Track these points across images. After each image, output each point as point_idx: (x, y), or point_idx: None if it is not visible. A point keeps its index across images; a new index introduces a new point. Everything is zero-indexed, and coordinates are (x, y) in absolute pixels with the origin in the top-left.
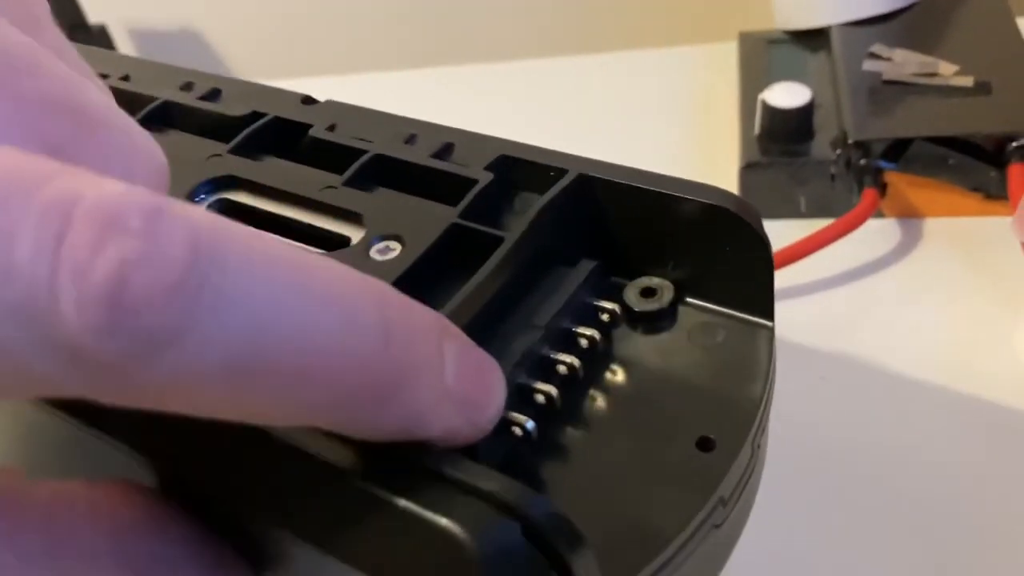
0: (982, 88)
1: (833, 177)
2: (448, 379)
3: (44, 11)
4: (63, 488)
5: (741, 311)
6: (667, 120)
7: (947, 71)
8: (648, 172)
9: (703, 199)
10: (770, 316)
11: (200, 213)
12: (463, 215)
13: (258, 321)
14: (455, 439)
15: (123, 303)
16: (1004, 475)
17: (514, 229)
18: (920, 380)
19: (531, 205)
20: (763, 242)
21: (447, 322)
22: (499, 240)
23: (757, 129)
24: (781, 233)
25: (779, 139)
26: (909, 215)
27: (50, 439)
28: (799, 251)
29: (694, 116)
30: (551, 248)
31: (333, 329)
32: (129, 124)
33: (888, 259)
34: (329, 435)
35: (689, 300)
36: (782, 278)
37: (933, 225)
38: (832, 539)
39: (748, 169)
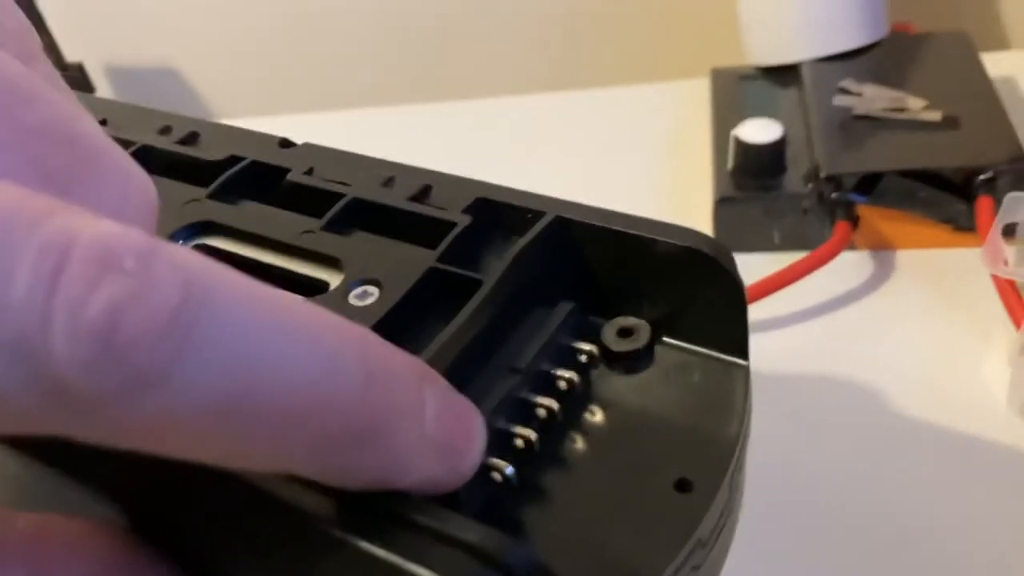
0: (950, 123)
1: (806, 211)
2: (428, 425)
3: (38, 46)
4: (43, 520)
5: (716, 351)
6: (642, 156)
7: (916, 106)
8: (624, 214)
9: (678, 241)
10: (745, 355)
11: (192, 256)
12: (441, 259)
13: (243, 363)
14: (435, 486)
15: (114, 341)
16: (975, 502)
17: (492, 272)
18: (894, 410)
19: (509, 247)
20: (736, 283)
21: (427, 367)
22: (478, 283)
23: (730, 164)
24: (756, 266)
25: (752, 174)
26: (881, 247)
27: (24, 484)
28: (774, 284)
29: (669, 151)
30: (529, 290)
31: (315, 373)
32: (123, 155)
33: (861, 291)
34: (306, 484)
35: (666, 340)
36: (757, 311)
37: (905, 257)
38: (809, 568)
39: (722, 204)
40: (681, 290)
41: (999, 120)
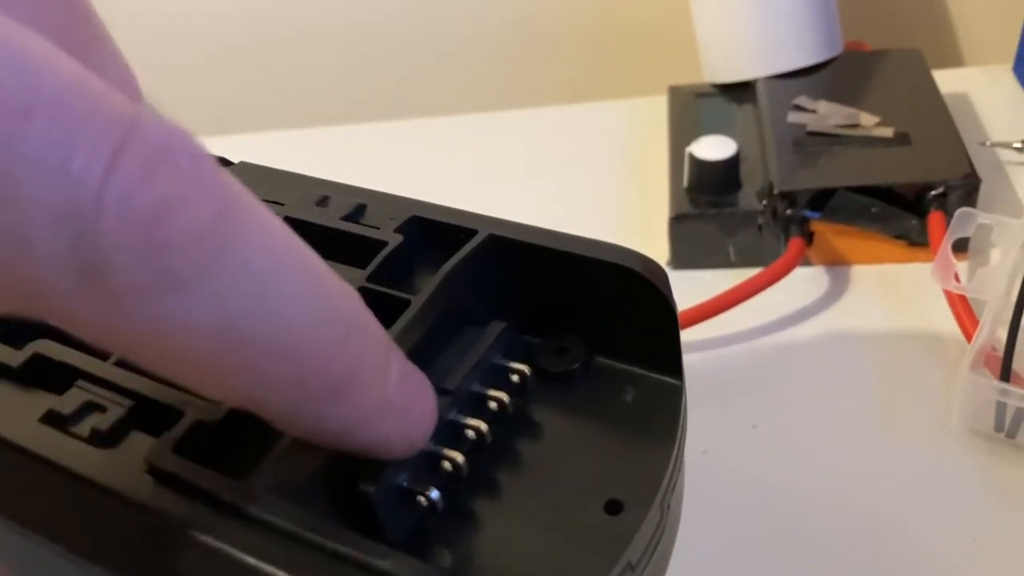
0: (902, 139)
1: (761, 227)
2: (391, 387)
3: None
4: None
5: (651, 371)
6: (600, 173)
7: (868, 122)
8: (558, 232)
9: (611, 260)
10: (679, 375)
11: (230, 175)
12: (371, 278)
13: (256, 289)
14: (387, 449)
15: (156, 236)
16: (925, 516)
17: (423, 291)
18: (847, 424)
19: (442, 266)
20: (668, 303)
21: (393, 343)
22: (406, 303)
23: (686, 182)
24: (711, 283)
25: (707, 191)
26: (836, 262)
27: None
28: (729, 300)
29: (627, 169)
30: (462, 309)
31: (311, 315)
32: (116, 44)
33: (816, 306)
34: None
35: (600, 359)
36: (712, 327)
37: (859, 272)
38: None
39: (677, 221)
40: (615, 309)
41: (950, 136)
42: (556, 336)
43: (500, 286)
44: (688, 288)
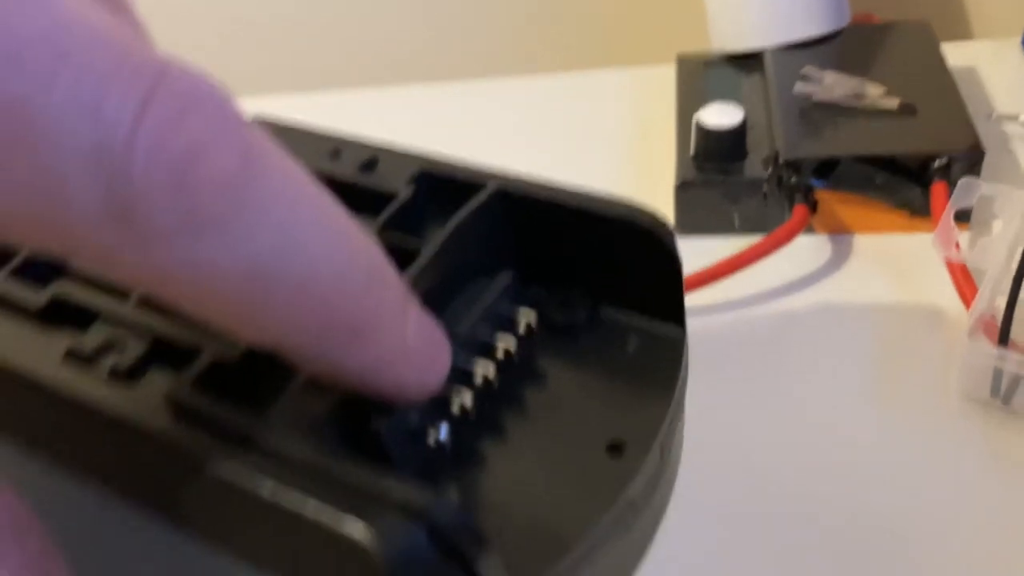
0: (907, 110)
1: (765, 195)
2: (408, 335)
3: None
4: None
5: (654, 320)
6: (607, 141)
7: (874, 93)
8: (566, 187)
9: (617, 213)
10: (681, 325)
11: (254, 124)
12: (382, 229)
13: (281, 236)
14: (403, 394)
15: (186, 180)
16: (925, 486)
17: (432, 241)
18: (846, 393)
19: (451, 218)
20: (672, 254)
21: (411, 294)
22: (417, 253)
23: (692, 149)
24: (715, 250)
25: (713, 158)
26: (839, 231)
27: None
28: (731, 266)
29: (633, 137)
30: (470, 260)
31: (336, 261)
32: None
33: (818, 274)
34: (239, 443)
35: (605, 310)
36: (714, 293)
37: (861, 241)
38: (754, 548)
39: (683, 188)
40: (620, 261)
41: (956, 108)
42: (562, 288)
43: (508, 238)
44: (692, 255)
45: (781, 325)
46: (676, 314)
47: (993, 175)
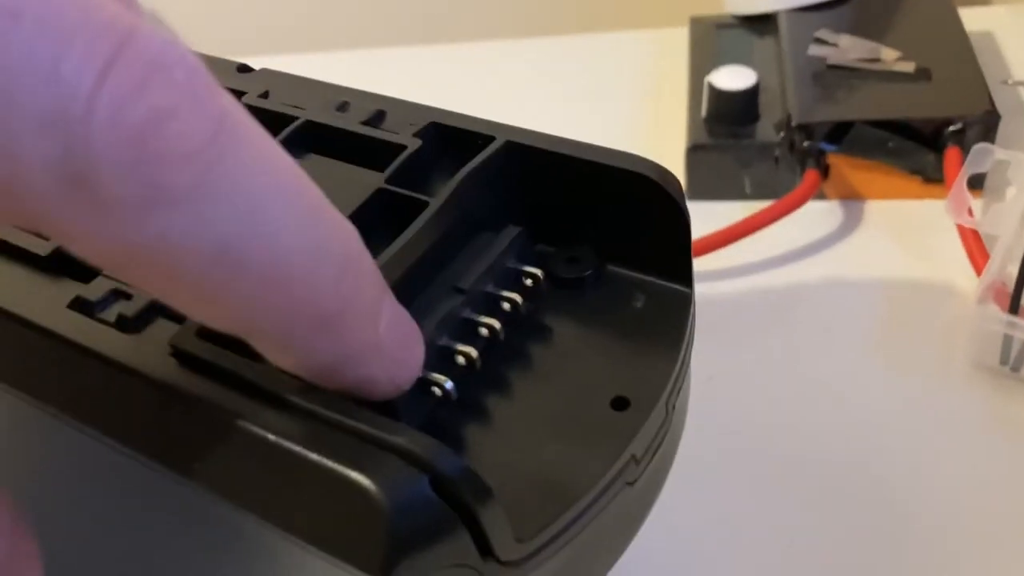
0: (922, 74)
1: (777, 159)
2: (382, 329)
3: None
4: None
5: (661, 278)
6: (618, 103)
7: (889, 57)
8: (574, 141)
9: (626, 167)
10: (689, 283)
11: (228, 94)
12: (390, 180)
13: (250, 214)
14: (372, 389)
15: (147, 148)
16: (935, 452)
17: (440, 194)
18: (856, 358)
19: (459, 171)
20: (681, 210)
21: (387, 285)
22: (424, 204)
23: (704, 112)
24: (726, 214)
25: (725, 121)
26: (850, 197)
27: None
28: (741, 230)
29: (645, 99)
30: (477, 213)
31: (306, 247)
32: None
33: (829, 240)
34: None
35: (612, 267)
36: (725, 258)
37: (873, 207)
38: (761, 511)
39: (694, 151)
40: (628, 217)
41: (972, 73)
42: (569, 244)
43: (516, 192)
44: (703, 219)
45: (791, 290)
46: (684, 272)
47: (1008, 141)
